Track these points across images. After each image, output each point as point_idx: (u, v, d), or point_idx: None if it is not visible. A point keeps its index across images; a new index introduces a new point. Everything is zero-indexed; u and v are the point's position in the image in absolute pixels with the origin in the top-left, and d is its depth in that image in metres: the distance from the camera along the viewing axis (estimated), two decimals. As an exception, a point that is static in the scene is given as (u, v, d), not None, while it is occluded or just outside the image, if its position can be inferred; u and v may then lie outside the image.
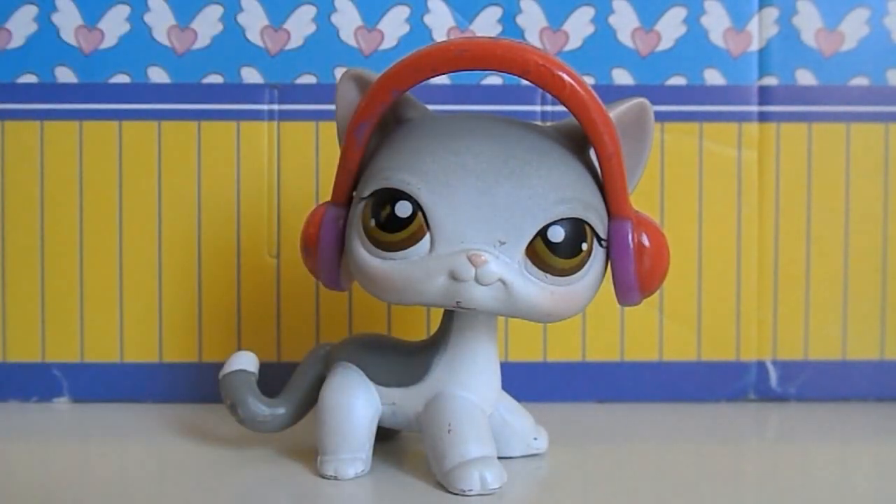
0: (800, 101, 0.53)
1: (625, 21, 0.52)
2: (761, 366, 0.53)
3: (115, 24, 0.52)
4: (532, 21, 0.52)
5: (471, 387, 0.39)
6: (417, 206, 0.36)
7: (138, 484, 0.40)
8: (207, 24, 0.52)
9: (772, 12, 0.52)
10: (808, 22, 0.52)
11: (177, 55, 0.52)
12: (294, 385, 0.43)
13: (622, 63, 0.52)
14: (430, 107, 0.41)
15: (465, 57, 0.36)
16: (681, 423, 0.49)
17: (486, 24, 0.52)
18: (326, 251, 0.39)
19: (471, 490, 0.37)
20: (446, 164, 0.36)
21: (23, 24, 0.51)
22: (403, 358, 0.40)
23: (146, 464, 0.43)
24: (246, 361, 0.43)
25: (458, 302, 0.36)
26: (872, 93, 0.53)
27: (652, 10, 0.52)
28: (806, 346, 0.53)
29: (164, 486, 0.39)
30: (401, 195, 0.36)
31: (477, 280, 0.36)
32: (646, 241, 0.38)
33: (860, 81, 0.53)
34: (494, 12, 0.52)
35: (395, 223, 0.36)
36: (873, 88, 0.53)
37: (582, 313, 0.43)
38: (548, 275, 0.36)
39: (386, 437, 0.44)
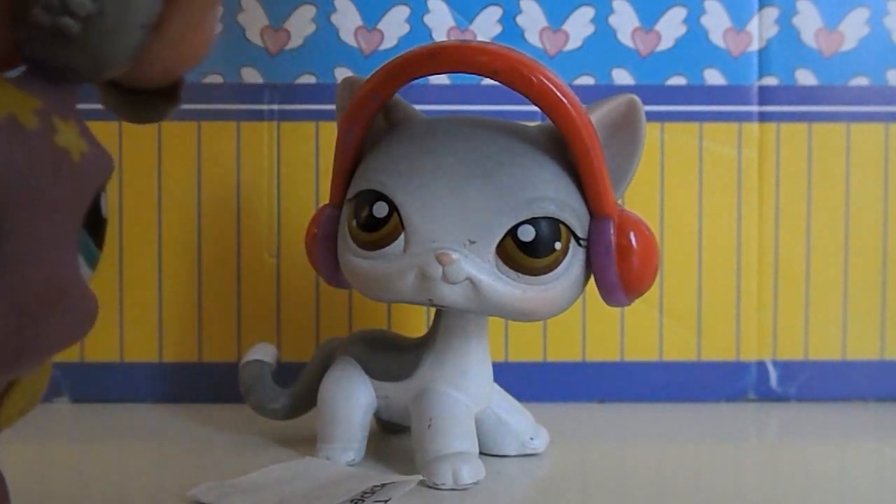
0: (800, 101, 0.53)
1: (625, 21, 0.52)
2: (761, 366, 0.53)
3: (115, 25, 0.52)
4: (532, 21, 0.52)
5: (457, 383, 0.40)
6: (393, 207, 0.37)
7: (138, 484, 0.40)
8: (207, 25, 0.52)
9: (772, 12, 0.52)
10: (808, 22, 0.52)
11: (177, 55, 0.52)
12: (302, 377, 0.44)
13: (622, 63, 0.52)
14: (430, 107, 0.41)
15: (435, 60, 0.36)
16: (681, 423, 0.49)
17: (486, 25, 0.52)
18: (325, 251, 0.40)
19: (443, 484, 0.37)
20: (421, 164, 0.37)
21: (23, 24, 0.51)
22: (397, 354, 0.41)
23: (146, 464, 0.43)
24: (263, 352, 0.45)
25: (430, 300, 0.36)
26: (872, 93, 0.53)
27: (652, 10, 0.52)
28: (806, 346, 0.53)
29: (165, 485, 0.39)
30: (378, 196, 0.37)
31: (445, 278, 0.36)
32: (632, 241, 0.37)
33: (860, 81, 0.53)
34: (494, 12, 0.52)
35: (373, 223, 0.37)
36: (873, 88, 0.53)
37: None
38: (520, 274, 0.36)
39: (396, 431, 0.45)
